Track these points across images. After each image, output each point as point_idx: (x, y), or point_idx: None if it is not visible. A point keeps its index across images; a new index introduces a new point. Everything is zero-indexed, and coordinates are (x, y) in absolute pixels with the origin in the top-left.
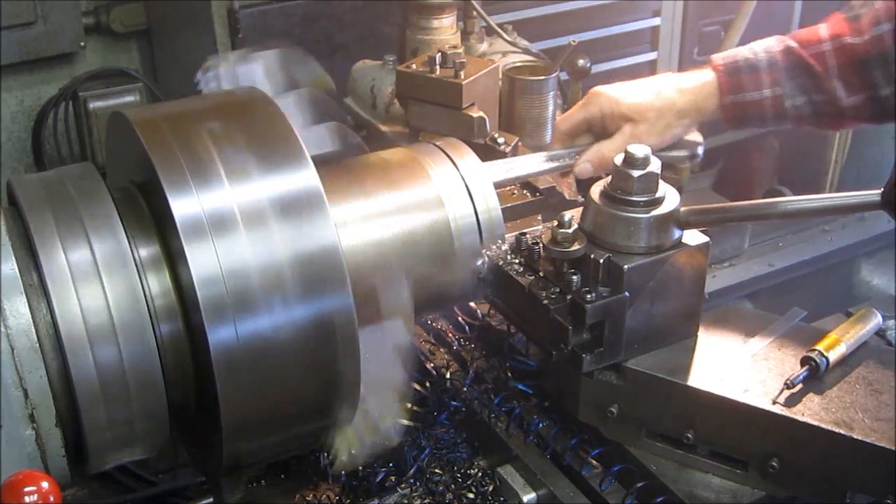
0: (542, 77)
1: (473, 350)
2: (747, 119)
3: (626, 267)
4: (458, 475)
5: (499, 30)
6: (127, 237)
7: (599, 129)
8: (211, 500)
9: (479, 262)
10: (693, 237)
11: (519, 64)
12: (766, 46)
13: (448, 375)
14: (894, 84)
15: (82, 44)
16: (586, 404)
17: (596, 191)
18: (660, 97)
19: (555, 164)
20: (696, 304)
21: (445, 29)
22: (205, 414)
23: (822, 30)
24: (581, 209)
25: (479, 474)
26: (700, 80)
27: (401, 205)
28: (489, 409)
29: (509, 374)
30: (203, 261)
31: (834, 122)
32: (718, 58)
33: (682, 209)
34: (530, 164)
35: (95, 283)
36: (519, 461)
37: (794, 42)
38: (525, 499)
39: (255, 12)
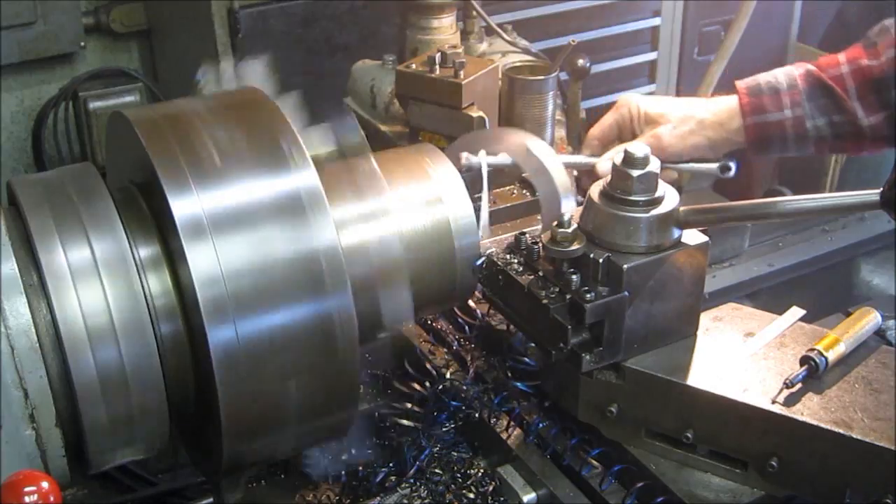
0: (542, 77)
1: (473, 350)
2: (769, 141)
3: (625, 266)
4: (458, 475)
5: (499, 30)
6: (127, 237)
7: (629, 136)
8: (211, 500)
9: (479, 262)
10: (693, 237)
11: (519, 64)
12: (787, 71)
13: (448, 375)
14: None
15: (82, 44)
16: (586, 404)
17: (595, 190)
18: (685, 106)
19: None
20: (696, 304)
21: (445, 29)
22: (205, 414)
23: (841, 56)
24: (581, 209)
25: (479, 474)
26: (725, 102)
27: (401, 205)
28: (489, 409)
29: (509, 374)
30: (203, 261)
31: (855, 143)
32: (741, 83)
33: (682, 209)
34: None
35: (95, 283)
36: (519, 461)
37: (813, 66)
38: (525, 499)
39: (255, 12)
